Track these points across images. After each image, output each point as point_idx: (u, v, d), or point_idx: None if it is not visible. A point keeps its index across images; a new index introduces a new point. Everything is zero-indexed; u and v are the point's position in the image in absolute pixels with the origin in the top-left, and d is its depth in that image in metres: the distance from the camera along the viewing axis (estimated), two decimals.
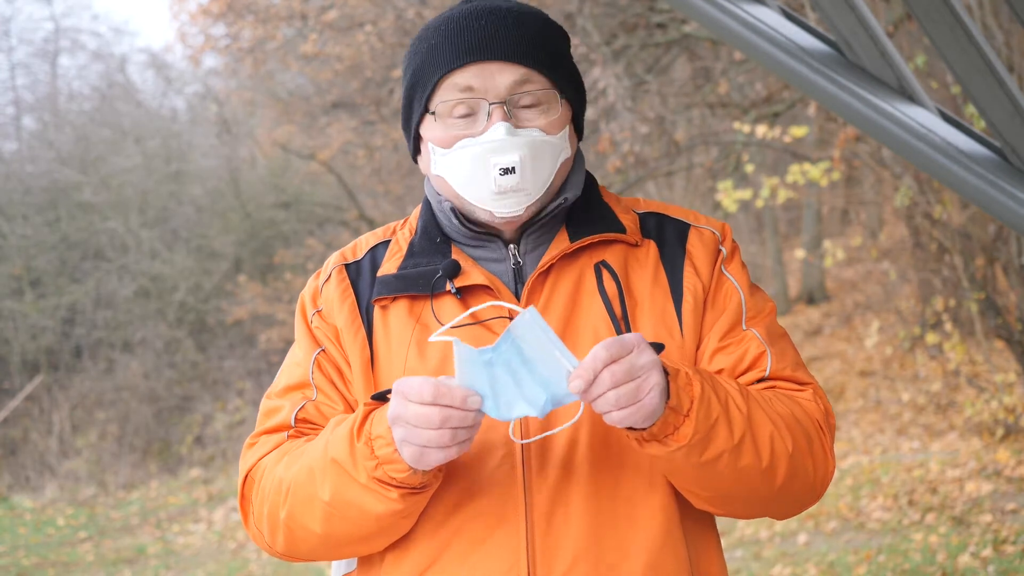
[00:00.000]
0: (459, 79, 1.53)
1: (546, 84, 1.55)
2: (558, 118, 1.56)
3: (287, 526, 1.52)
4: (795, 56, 1.90)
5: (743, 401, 1.44)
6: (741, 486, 1.47)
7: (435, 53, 1.56)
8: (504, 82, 1.53)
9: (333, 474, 1.45)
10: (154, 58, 20.44)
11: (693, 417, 1.38)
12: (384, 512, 1.44)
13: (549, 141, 1.54)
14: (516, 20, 1.56)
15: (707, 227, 1.65)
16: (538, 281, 1.57)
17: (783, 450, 1.46)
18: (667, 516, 1.51)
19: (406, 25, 10.51)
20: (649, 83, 9.79)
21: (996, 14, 6.41)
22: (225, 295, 16.34)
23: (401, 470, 1.40)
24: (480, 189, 1.53)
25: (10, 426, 14.40)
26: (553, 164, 1.56)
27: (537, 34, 1.56)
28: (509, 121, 1.52)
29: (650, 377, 1.34)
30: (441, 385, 1.34)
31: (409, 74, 1.60)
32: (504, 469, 1.49)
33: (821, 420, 1.55)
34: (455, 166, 1.55)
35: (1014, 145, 1.85)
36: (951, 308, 8.87)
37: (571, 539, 1.48)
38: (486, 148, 1.51)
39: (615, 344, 1.33)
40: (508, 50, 1.53)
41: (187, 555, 9.19)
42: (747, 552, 6.59)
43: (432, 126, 1.57)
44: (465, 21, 1.55)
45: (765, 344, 1.57)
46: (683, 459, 1.41)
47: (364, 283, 1.63)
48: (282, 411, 1.60)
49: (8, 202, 16.53)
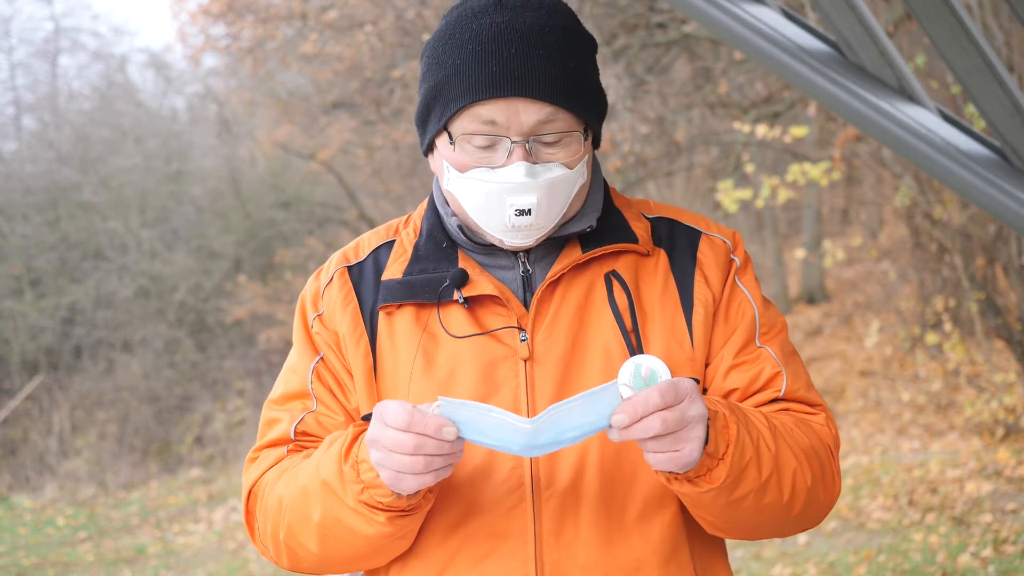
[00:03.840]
0: (483, 112, 1.46)
1: (571, 123, 1.49)
2: (579, 152, 1.51)
3: (287, 544, 1.51)
4: (795, 56, 1.90)
5: (772, 440, 1.43)
6: (760, 519, 1.47)
7: (460, 77, 1.47)
8: (529, 121, 1.46)
9: (323, 495, 1.44)
10: (154, 58, 20.45)
11: (728, 461, 1.37)
12: (374, 534, 1.43)
13: (567, 176, 1.49)
14: (548, 49, 1.47)
15: (718, 235, 1.62)
16: (547, 291, 1.54)
17: (803, 485, 1.46)
18: (676, 532, 1.50)
19: (406, 25, 10.51)
20: (649, 83, 9.80)
21: (996, 14, 6.41)
22: (225, 295, 16.33)
23: (385, 495, 1.38)
24: (492, 221, 1.49)
25: (10, 426, 14.40)
26: (568, 196, 1.51)
27: (567, 65, 1.48)
28: (529, 160, 1.46)
29: (695, 429, 1.32)
30: (416, 412, 1.32)
31: (429, 84, 1.52)
32: (511, 483, 1.48)
33: (832, 445, 1.55)
34: (468, 192, 1.50)
35: (1014, 145, 1.85)
36: (951, 308, 8.87)
37: (580, 555, 1.47)
38: (503, 187, 1.46)
39: (671, 390, 1.30)
40: (537, 88, 1.45)
41: (187, 555, 9.19)
42: (747, 552, 6.59)
43: (448, 147, 1.51)
44: (494, 45, 1.46)
45: (780, 364, 1.55)
46: (711, 499, 1.40)
47: (367, 286, 1.59)
48: (282, 423, 1.58)
49: (8, 202, 16.53)
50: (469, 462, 1.49)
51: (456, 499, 1.49)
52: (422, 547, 1.51)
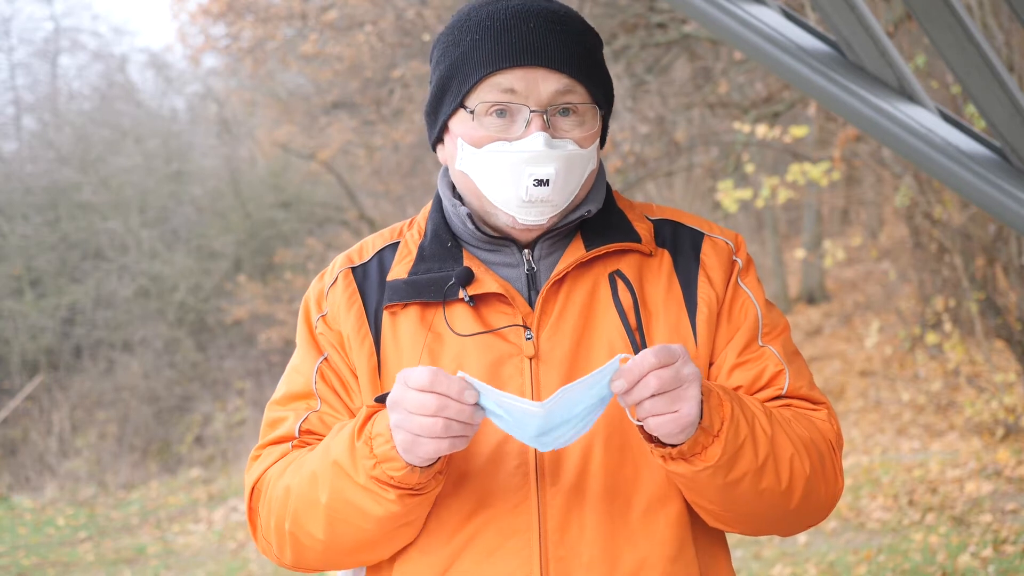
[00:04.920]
0: (503, 80, 1.49)
1: (587, 97, 1.53)
2: (593, 131, 1.54)
3: (292, 534, 1.51)
4: (795, 56, 1.90)
5: (768, 423, 1.45)
6: (758, 506, 1.48)
7: (479, 49, 1.51)
8: (548, 90, 1.49)
9: (333, 476, 1.44)
10: (154, 58, 20.47)
11: (722, 438, 1.39)
12: (382, 515, 1.43)
13: (581, 154, 1.52)
14: (564, 26, 1.52)
15: (721, 237, 1.64)
16: (552, 290, 1.55)
17: (801, 472, 1.47)
18: (681, 529, 1.51)
19: (406, 25, 10.52)
20: (649, 83, 9.79)
21: (996, 14, 6.42)
22: (225, 295, 16.34)
23: (398, 468, 1.39)
24: (508, 194, 1.51)
25: (10, 426, 14.40)
26: (581, 177, 1.54)
27: (582, 42, 1.53)
28: (548, 131, 1.49)
29: (690, 388, 1.35)
30: (440, 373, 1.34)
31: (445, 64, 1.55)
32: (517, 480, 1.48)
33: (834, 441, 1.56)
34: (485, 167, 1.52)
35: (1014, 145, 1.85)
36: (951, 308, 8.87)
37: (585, 551, 1.47)
38: (523, 157, 1.48)
39: (663, 351, 1.34)
40: (556, 58, 1.50)
41: (187, 555, 9.19)
42: (747, 552, 6.59)
43: (465, 122, 1.53)
44: (513, 21, 1.51)
45: (783, 362, 1.57)
46: (707, 479, 1.41)
47: (371, 287, 1.60)
48: (286, 422, 1.58)
49: (8, 202, 16.54)
50: (476, 458, 1.50)
51: (462, 496, 1.50)
52: (427, 544, 1.51)
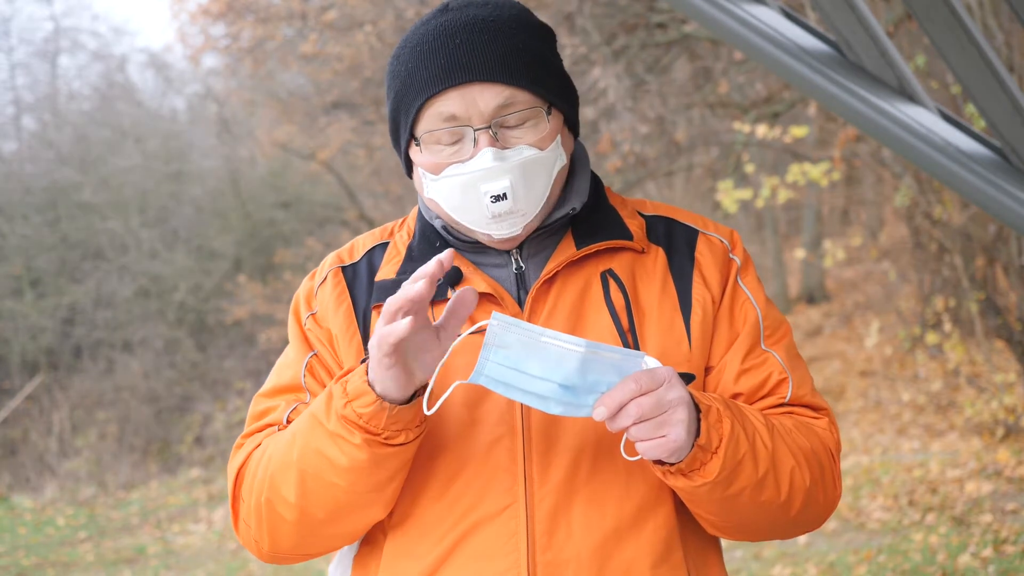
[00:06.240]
0: (441, 107, 1.47)
1: (531, 101, 1.48)
2: (548, 131, 1.50)
3: (269, 503, 1.48)
4: (795, 56, 1.90)
5: (769, 437, 1.44)
6: (757, 517, 1.47)
7: (413, 78, 1.49)
8: (487, 106, 1.46)
9: (307, 428, 1.43)
10: (154, 58, 20.47)
11: (721, 455, 1.38)
12: (347, 464, 1.40)
13: (540, 157, 1.48)
14: (493, 34, 1.48)
15: (715, 234, 1.61)
16: (542, 289, 1.53)
17: (801, 484, 1.47)
18: (670, 533, 1.50)
19: (406, 25, 10.51)
20: (649, 83, 9.79)
21: (996, 14, 6.42)
22: (225, 295, 16.33)
23: (367, 403, 1.37)
24: (473, 215, 1.49)
25: (10, 426, 14.40)
26: (548, 178, 1.51)
27: (516, 45, 1.48)
28: (496, 145, 1.46)
29: (676, 412, 1.33)
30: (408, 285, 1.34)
31: (392, 97, 1.54)
32: (505, 482, 1.47)
33: (834, 449, 1.55)
34: (446, 193, 1.50)
35: (1014, 145, 1.85)
36: (951, 308, 8.87)
37: (572, 555, 1.46)
38: (475, 176, 1.46)
39: (645, 377, 1.31)
40: (487, 70, 1.46)
41: (187, 555, 9.19)
42: (747, 552, 6.59)
43: (419, 153, 1.52)
44: (440, 41, 1.48)
45: (787, 370, 1.56)
46: (706, 493, 1.41)
47: (361, 287, 1.60)
48: (274, 412, 1.57)
49: (8, 202, 16.54)
50: (464, 460, 1.49)
51: (449, 498, 1.49)
52: (414, 547, 1.50)
